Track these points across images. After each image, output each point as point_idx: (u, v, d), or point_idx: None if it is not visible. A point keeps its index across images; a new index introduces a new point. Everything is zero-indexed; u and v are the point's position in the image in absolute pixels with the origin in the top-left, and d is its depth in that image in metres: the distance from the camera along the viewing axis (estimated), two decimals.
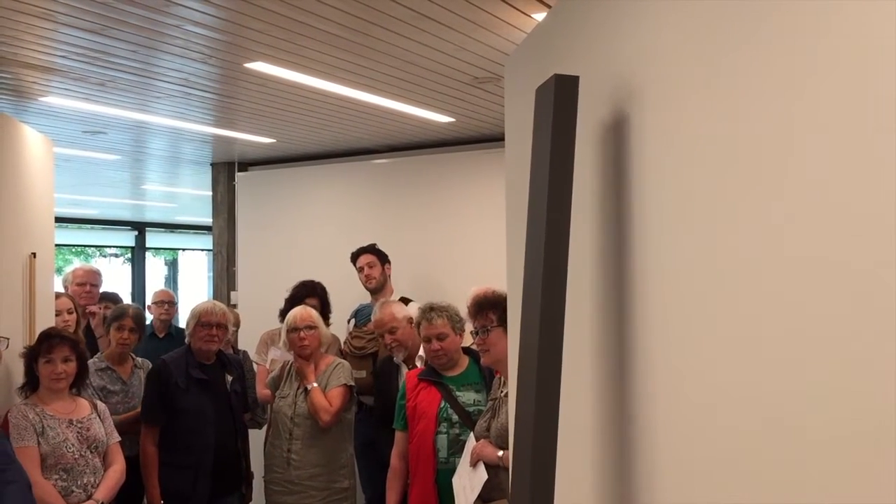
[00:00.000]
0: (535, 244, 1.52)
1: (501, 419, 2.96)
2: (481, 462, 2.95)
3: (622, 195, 1.51)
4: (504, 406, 2.97)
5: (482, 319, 3.03)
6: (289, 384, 3.94)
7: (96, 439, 3.29)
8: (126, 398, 3.93)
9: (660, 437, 1.42)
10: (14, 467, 2.44)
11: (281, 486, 3.82)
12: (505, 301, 3.06)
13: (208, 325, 3.75)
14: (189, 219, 12.39)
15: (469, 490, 2.97)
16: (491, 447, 2.94)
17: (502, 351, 3.00)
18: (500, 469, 2.89)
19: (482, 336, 3.01)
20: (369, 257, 4.71)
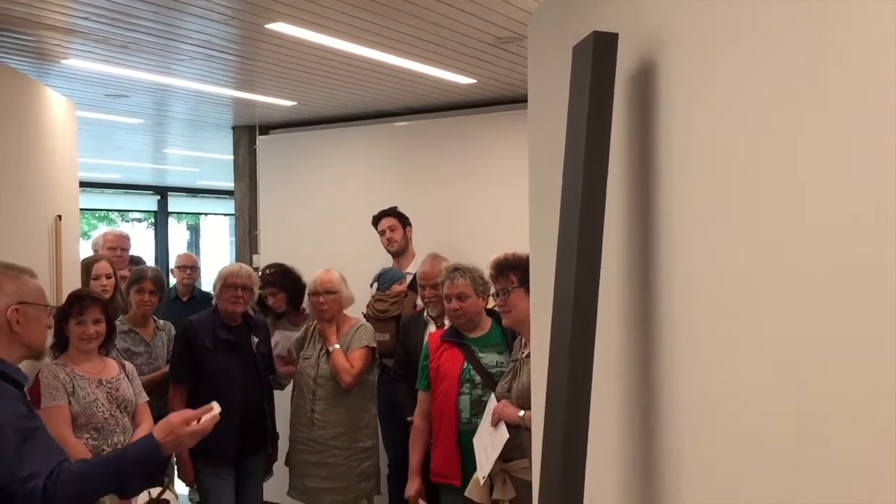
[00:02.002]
0: (571, 206, 1.51)
1: (522, 380, 2.97)
2: (503, 422, 2.97)
3: (649, 151, 1.50)
4: (525, 367, 2.99)
5: (503, 281, 3.04)
6: (312, 345, 3.99)
7: (125, 399, 3.34)
8: (150, 359, 3.98)
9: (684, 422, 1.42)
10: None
11: (305, 444, 3.88)
12: (526, 262, 3.06)
13: (234, 286, 3.78)
14: (211, 183, 12.44)
15: (490, 449, 3.00)
16: (512, 407, 2.96)
17: (524, 312, 3.01)
18: (521, 429, 2.91)
19: (503, 297, 3.02)
20: (390, 220, 4.72)
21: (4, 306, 2.14)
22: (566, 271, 1.53)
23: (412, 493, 3.51)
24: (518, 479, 2.92)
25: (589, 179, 1.47)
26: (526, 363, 3.00)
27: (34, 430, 2.07)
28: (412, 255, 4.74)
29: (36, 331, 2.22)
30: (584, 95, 1.45)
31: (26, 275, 2.25)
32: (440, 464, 3.40)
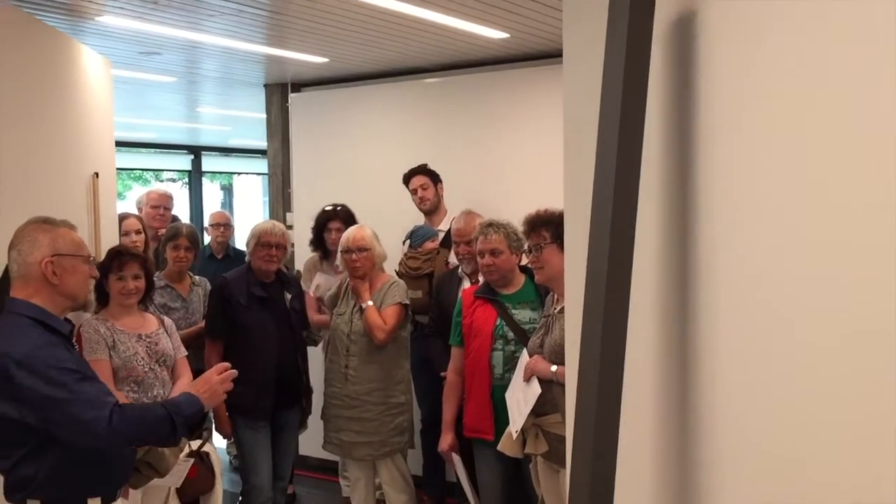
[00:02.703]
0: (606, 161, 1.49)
1: (555, 335, 2.97)
2: (535, 377, 2.98)
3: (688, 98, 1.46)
4: (557, 322, 2.99)
5: (536, 237, 3.03)
6: (345, 302, 4.01)
7: (164, 353, 3.40)
8: (187, 314, 4.05)
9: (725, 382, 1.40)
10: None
11: (339, 399, 3.93)
12: (559, 218, 3.04)
13: (267, 244, 3.81)
14: (244, 142, 12.49)
15: (522, 404, 3.01)
16: (544, 362, 2.96)
17: (556, 268, 3.00)
18: (554, 384, 2.92)
19: (536, 254, 3.02)
20: (422, 179, 4.70)
21: (39, 259, 2.18)
22: (601, 227, 1.51)
23: (445, 448, 3.55)
24: (550, 434, 2.93)
25: (625, 134, 1.44)
26: (558, 319, 3.00)
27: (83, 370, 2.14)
28: (444, 213, 4.73)
29: (75, 282, 2.24)
30: (620, 47, 1.43)
31: (63, 227, 2.27)
32: (473, 419, 3.43)
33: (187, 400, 2.28)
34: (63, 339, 2.23)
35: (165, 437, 2.24)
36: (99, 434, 2.09)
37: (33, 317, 2.17)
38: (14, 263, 2.22)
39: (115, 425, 2.08)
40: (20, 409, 2.07)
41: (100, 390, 2.14)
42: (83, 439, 2.12)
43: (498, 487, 3.43)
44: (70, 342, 2.30)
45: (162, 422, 2.18)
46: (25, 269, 2.20)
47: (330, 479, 5.04)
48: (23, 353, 2.08)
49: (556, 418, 2.91)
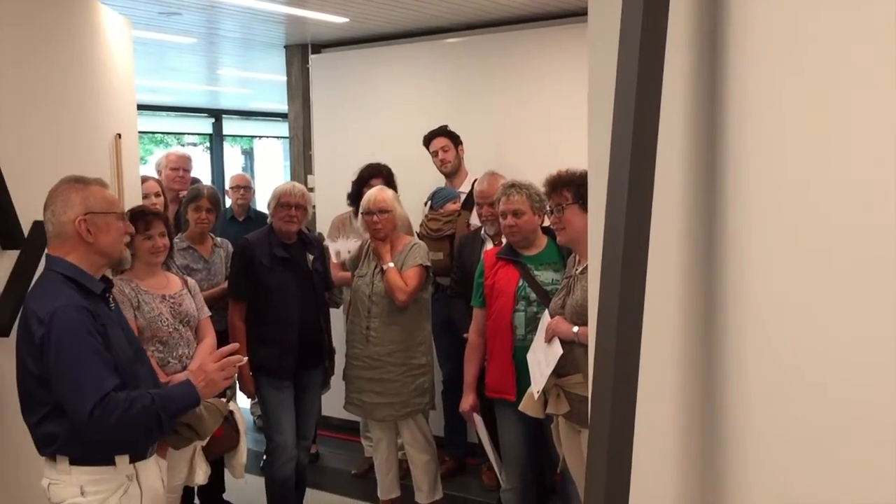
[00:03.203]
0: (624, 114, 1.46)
1: (576, 296, 2.96)
2: (556, 338, 2.97)
3: (717, 68, 1.43)
4: (579, 283, 2.97)
5: (557, 197, 3.00)
6: (366, 264, 4.01)
7: (188, 314, 3.43)
8: (209, 275, 4.07)
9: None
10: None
11: (361, 361, 3.95)
12: (581, 178, 3.01)
13: (287, 205, 3.80)
14: (264, 105, 12.46)
15: (544, 365, 3.01)
16: (566, 323, 2.95)
17: (578, 229, 2.97)
18: (575, 345, 2.91)
19: (557, 214, 2.99)
20: (443, 140, 4.67)
21: (73, 217, 2.19)
22: (618, 185, 1.49)
23: (467, 408, 3.56)
24: (572, 394, 2.93)
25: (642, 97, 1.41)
26: (580, 279, 2.98)
27: (90, 349, 2.13)
28: (465, 175, 4.70)
29: (109, 239, 2.26)
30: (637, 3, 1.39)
31: (96, 185, 2.28)
32: (495, 379, 3.43)
33: (183, 393, 2.28)
34: (97, 298, 2.25)
35: (150, 430, 2.23)
36: (77, 422, 2.11)
37: (68, 275, 2.20)
38: (49, 223, 2.24)
39: (94, 418, 2.09)
40: (37, 365, 2.11)
41: (99, 376, 2.13)
42: (70, 416, 2.13)
43: (519, 447, 3.44)
44: (105, 300, 2.31)
45: (147, 416, 2.17)
46: (60, 229, 2.22)
47: (352, 439, 5.09)
48: (48, 311, 2.11)
49: (578, 378, 2.90)
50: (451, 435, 4.68)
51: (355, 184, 4.47)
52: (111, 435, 2.14)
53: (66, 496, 2.19)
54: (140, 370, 2.34)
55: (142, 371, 2.36)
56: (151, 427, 2.21)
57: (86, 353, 2.12)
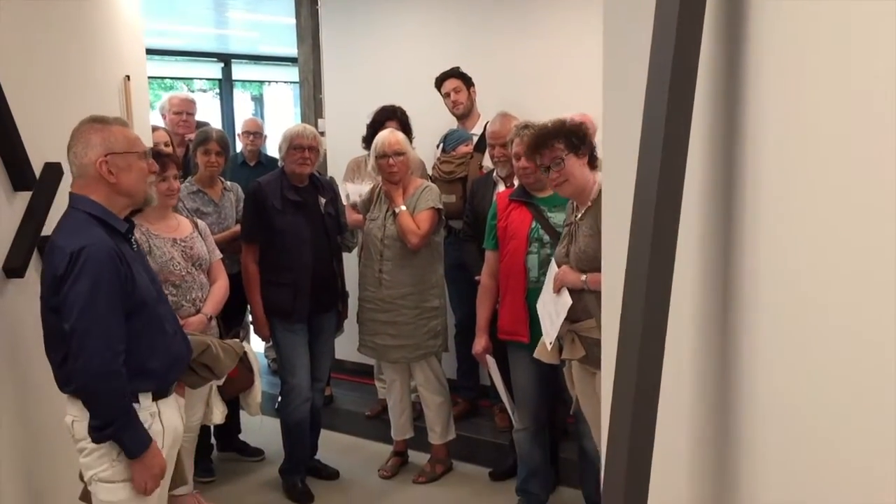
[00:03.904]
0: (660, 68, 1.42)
1: (580, 244, 2.94)
2: (565, 288, 2.96)
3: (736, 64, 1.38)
4: (580, 230, 2.95)
5: (550, 152, 2.92)
6: (378, 207, 4.00)
7: (200, 257, 3.43)
8: (219, 219, 4.06)
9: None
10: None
11: (374, 304, 3.96)
12: (569, 127, 2.96)
13: (300, 147, 3.78)
14: (273, 49, 12.33)
15: (555, 316, 3.00)
16: (573, 273, 2.94)
17: (581, 178, 2.94)
18: (585, 292, 2.90)
19: (557, 169, 2.92)
20: (454, 82, 4.60)
21: (94, 159, 2.19)
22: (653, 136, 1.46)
23: (479, 350, 3.57)
24: (586, 338, 2.93)
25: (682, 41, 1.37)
26: (581, 226, 2.96)
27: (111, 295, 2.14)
28: (477, 117, 4.65)
29: (132, 179, 2.25)
30: None
31: (116, 124, 2.27)
32: (508, 322, 3.44)
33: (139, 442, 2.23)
34: (121, 238, 2.26)
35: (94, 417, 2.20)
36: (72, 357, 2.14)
37: (93, 213, 2.20)
38: (72, 165, 2.25)
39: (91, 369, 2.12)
40: (65, 301, 2.13)
41: (107, 336, 2.14)
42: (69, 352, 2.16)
43: (532, 389, 3.46)
44: (129, 241, 2.32)
45: (110, 413, 2.17)
46: (83, 170, 2.22)
47: (366, 381, 5.14)
48: (77, 246, 2.11)
49: (591, 323, 2.90)
50: (463, 378, 4.71)
51: (370, 127, 4.42)
52: (84, 389, 2.17)
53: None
54: (163, 310, 2.36)
55: (164, 310, 2.37)
56: (101, 420, 2.19)
57: (103, 309, 2.13)
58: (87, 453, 2.25)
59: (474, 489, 4.01)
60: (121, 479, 2.24)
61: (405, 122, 4.43)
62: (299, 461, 4.01)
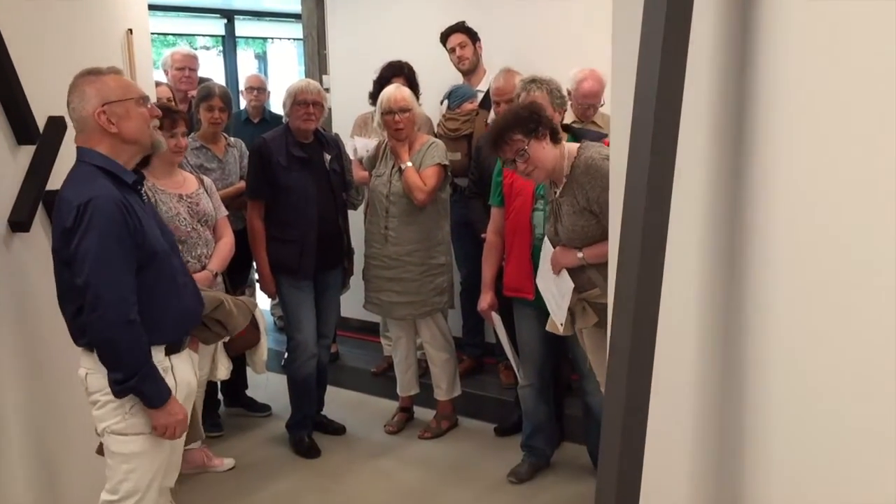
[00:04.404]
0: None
1: (565, 223, 2.94)
2: (564, 270, 2.95)
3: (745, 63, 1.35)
4: (563, 209, 2.94)
5: (510, 146, 2.90)
6: (384, 163, 3.98)
7: (205, 213, 3.43)
8: (223, 175, 4.03)
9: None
10: None
11: (379, 260, 3.96)
12: (518, 113, 2.93)
13: (304, 103, 3.74)
14: (277, 5, 12.18)
15: (560, 298, 3.01)
16: (569, 252, 2.93)
17: (552, 160, 2.91)
18: (586, 267, 2.91)
19: (523, 160, 2.89)
20: (460, 37, 4.54)
21: (91, 111, 2.18)
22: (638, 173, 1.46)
23: (485, 306, 3.57)
24: (597, 305, 2.93)
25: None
26: (562, 204, 2.95)
27: (121, 245, 2.14)
28: (483, 73, 4.59)
29: (133, 126, 2.23)
30: None
31: (109, 73, 2.24)
32: (513, 278, 3.43)
33: (159, 393, 2.24)
34: (129, 190, 2.25)
35: (114, 371, 2.21)
36: (88, 309, 2.13)
37: (100, 165, 2.19)
38: (73, 120, 2.25)
39: (105, 319, 2.12)
40: (74, 254, 2.13)
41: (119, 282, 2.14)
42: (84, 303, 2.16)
43: (537, 345, 3.47)
44: (138, 193, 2.31)
45: (131, 365, 2.17)
46: (83, 124, 2.21)
47: (371, 339, 5.16)
48: (84, 198, 2.11)
49: (598, 291, 2.90)
50: (469, 335, 4.73)
51: (377, 83, 4.37)
52: (102, 343, 2.17)
53: (103, 386, 2.24)
54: (175, 262, 2.36)
55: (176, 263, 2.37)
56: (122, 373, 2.19)
57: (116, 247, 2.12)
58: (99, 406, 2.27)
59: (479, 445, 4.05)
60: (133, 432, 2.26)
61: (412, 78, 4.38)
62: (306, 416, 4.04)
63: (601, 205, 2.82)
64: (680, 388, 1.66)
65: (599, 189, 2.82)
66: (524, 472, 3.64)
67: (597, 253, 2.86)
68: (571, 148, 2.96)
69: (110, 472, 2.30)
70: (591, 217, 2.87)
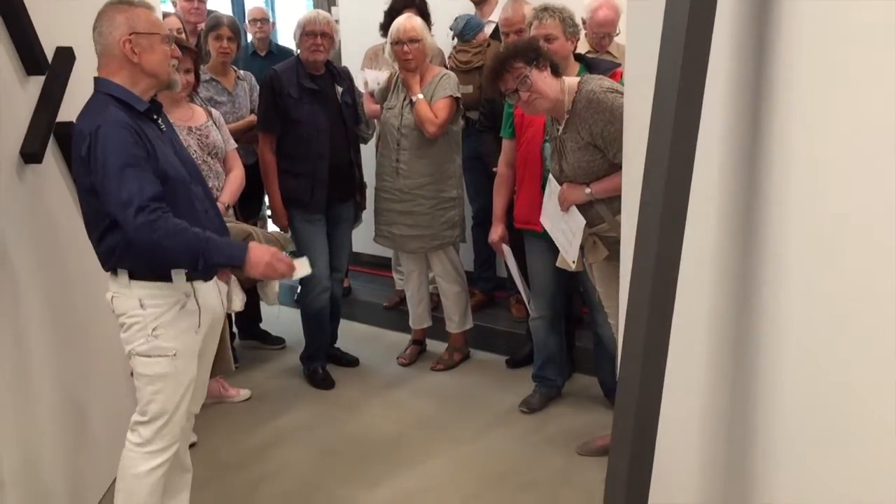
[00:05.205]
0: None
1: (570, 159, 2.90)
2: (574, 207, 2.93)
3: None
4: (567, 145, 2.90)
5: (511, 75, 2.83)
6: (395, 95, 3.94)
7: (215, 146, 3.42)
8: (233, 108, 4.01)
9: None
10: None
11: (391, 194, 3.96)
12: (521, 43, 2.87)
13: (312, 33, 3.70)
14: None
15: (570, 235, 2.99)
16: (577, 188, 2.91)
17: (553, 90, 2.86)
18: (594, 203, 2.89)
19: (525, 88, 2.83)
20: None
21: (118, 38, 2.22)
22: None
23: (496, 239, 3.57)
24: (606, 238, 2.92)
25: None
26: (566, 141, 2.91)
27: (135, 159, 2.16)
28: (495, 2, 4.51)
29: (155, 59, 2.28)
30: None
31: (141, 6, 2.29)
32: (524, 210, 3.43)
33: (232, 250, 2.27)
34: (144, 119, 2.27)
35: (183, 264, 2.24)
36: (122, 223, 2.14)
37: (114, 95, 2.23)
38: (96, 44, 2.28)
39: (138, 223, 2.11)
40: (94, 180, 2.16)
41: (142, 182, 2.14)
42: (120, 224, 2.17)
43: (548, 277, 3.48)
44: (154, 121, 2.33)
45: (188, 253, 2.18)
46: (107, 49, 2.25)
47: (383, 274, 5.19)
48: (93, 126, 2.15)
49: (607, 226, 2.89)
50: (480, 269, 4.75)
51: (387, 14, 4.30)
52: (154, 250, 2.17)
53: (127, 308, 2.29)
54: (196, 189, 2.37)
55: (197, 190, 2.38)
56: (186, 263, 2.23)
57: (131, 162, 2.14)
58: (125, 328, 2.32)
59: (491, 376, 4.10)
60: (157, 354, 2.30)
61: (423, 9, 4.31)
62: (319, 348, 4.09)
63: (605, 138, 2.79)
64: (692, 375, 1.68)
65: (603, 122, 2.78)
66: (535, 403, 3.69)
67: (605, 187, 2.84)
68: (572, 83, 2.92)
69: (139, 395, 2.35)
70: (595, 152, 2.84)
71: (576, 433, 3.42)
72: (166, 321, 2.29)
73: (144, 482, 2.35)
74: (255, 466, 3.25)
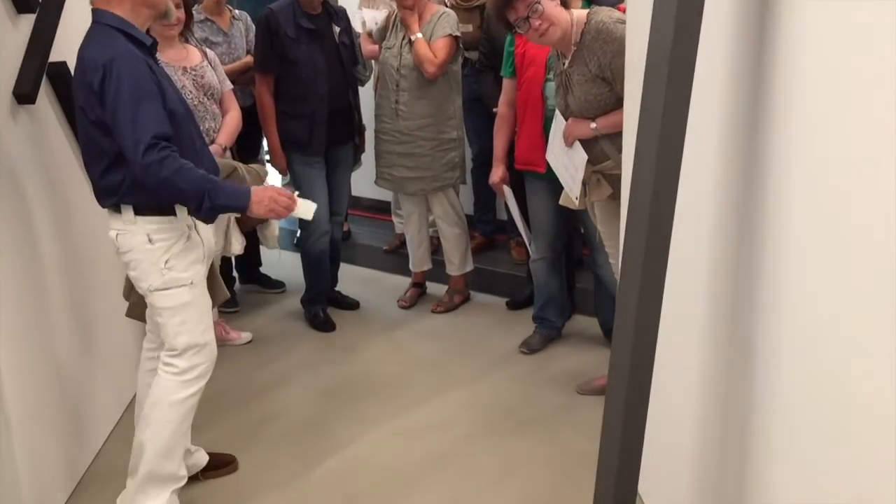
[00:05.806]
0: None
1: (576, 93, 2.85)
2: (577, 142, 2.89)
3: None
4: (573, 79, 2.85)
5: (524, 3, 2.75)
6: (394, 35, 3.88)
7: (211, 86, 3.38)
8: (229, 49, 3.93)
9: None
10: None
11: (390, 135, 3.92)
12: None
13: None
14: None
15: (573, 170, 2.96)
16: (582, 122, 2.87)
17: (563, 19, 2.79)
18: (599, 139, 2.85)
19: (537, 16, 2.76)
20: None
21: None
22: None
23: (496, 180, 3.55)
24: (611, 176, 2.89)
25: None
26: (572, 75, 2.86)
27: (150, 94, 2.14)
28: None
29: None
30: None
31: None
32: (525, 151, 3.40)
33: (236, 192, 2.26)
34: (145, 52, 2.24)
35: (188, 205, 2.24)
36: (132, 159, 2.13)
37: (117, 26, 2.20)
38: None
39: (147, 160, 2.09)
40: (104, 113, 2.14)
41: (155, 118, 2.13)
42: (128, 157, 2.15)
43: (548, 218, 3.47)
44: (153, 56, 2.30)
45: (194, 192, 2.17)
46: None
47: (383, 217, 5.18)
48: (108, 57, 2.12)
49: (612, 163, 2.86)
50: (480, 212, 4.73)
51: None
52: (160, 188, 2.16)
53: (135, 245, 2.28)
54: (192, 128, 2.35)
55: (192, 129, 2.36)
56: (192, 202, 2.22)
57: (144, 96, 2.12)
58: (133, 266, 2.31)
59: (492, 317, 4.12)
60: (176, 286, 2.31)
61: None
62: (320, 292, 4.10)
63: (614, 70, 2.74)
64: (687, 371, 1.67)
65: (612, 54, 2.73)
66: (536, 343, 3.71)
67: (610, 122, 2.81)
68: (581, 14, 2.86)
69: (165, 332, 2.36)
70: (603, 84, 2.80)
71: (575, 373, 3.45)
72: (176, 252, 2.30)
73: (179, 410, 2.40)
74: (257, 407, 3.28)
